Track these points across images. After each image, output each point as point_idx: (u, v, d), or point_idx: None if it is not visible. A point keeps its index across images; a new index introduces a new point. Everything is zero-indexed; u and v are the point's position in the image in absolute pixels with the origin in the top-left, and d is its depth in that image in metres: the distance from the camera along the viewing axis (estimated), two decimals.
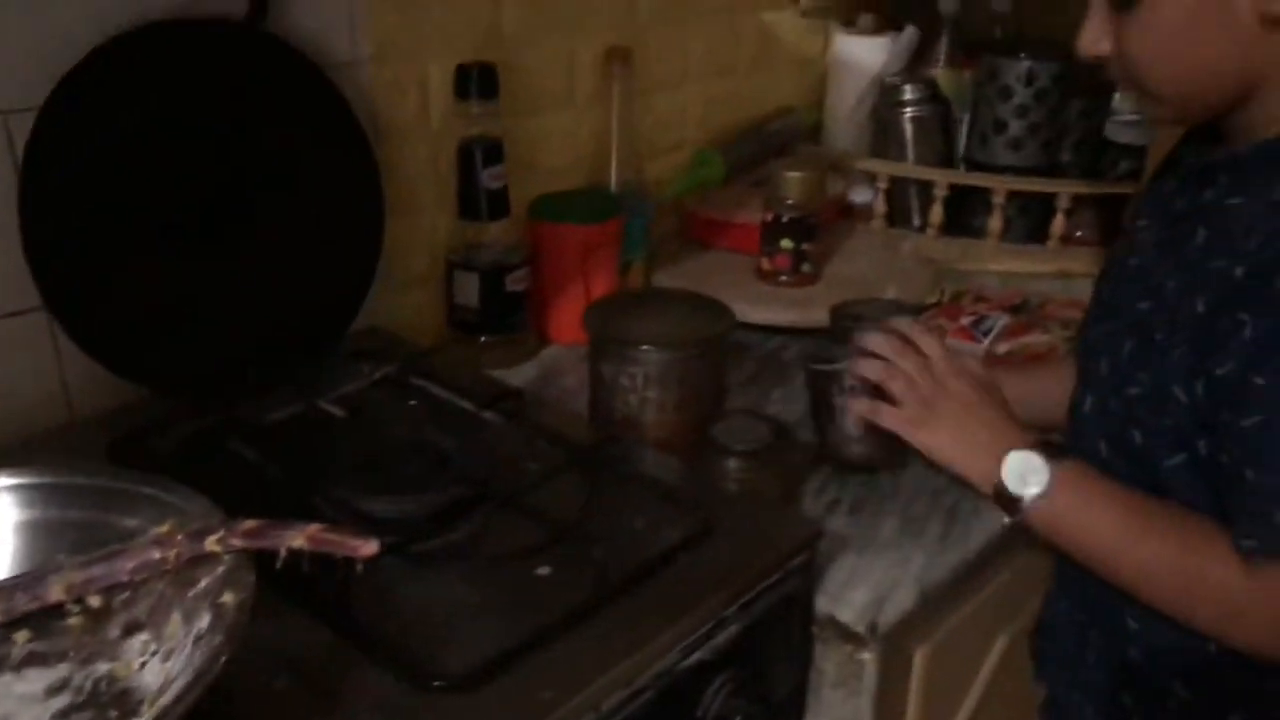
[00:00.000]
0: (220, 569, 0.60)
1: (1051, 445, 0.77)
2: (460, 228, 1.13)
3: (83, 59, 0.84)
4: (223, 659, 0.53)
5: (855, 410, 0.86)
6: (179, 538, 0.61)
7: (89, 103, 0.84)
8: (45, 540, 0.64)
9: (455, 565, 0.74)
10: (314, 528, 0.58)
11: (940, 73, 1.47)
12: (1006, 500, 0.76)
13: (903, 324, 0.86)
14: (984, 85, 1.42)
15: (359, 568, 0.58)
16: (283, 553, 0.59)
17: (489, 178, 1.10)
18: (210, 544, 0.60)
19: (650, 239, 1.31)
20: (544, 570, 0.74)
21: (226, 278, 0.95)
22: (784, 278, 1.28)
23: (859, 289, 1.25)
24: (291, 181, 0.97)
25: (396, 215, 1.10)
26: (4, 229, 0.84)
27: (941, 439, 0.81)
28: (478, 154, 1.09)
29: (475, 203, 1.11)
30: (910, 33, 1.48)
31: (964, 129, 1.47)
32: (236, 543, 0.59)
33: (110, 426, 0.88)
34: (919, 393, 0.81)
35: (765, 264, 1.29)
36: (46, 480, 0.65)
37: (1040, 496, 0.75)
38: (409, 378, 0.96)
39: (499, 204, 1.12)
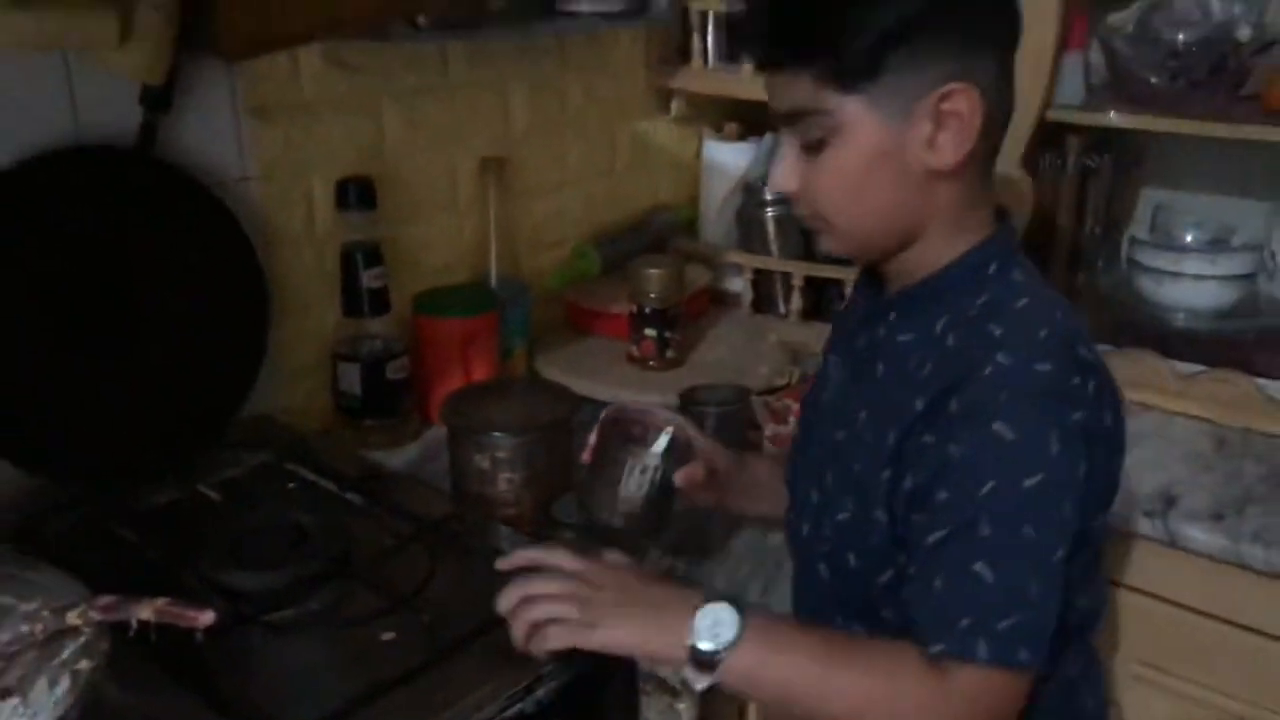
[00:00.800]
0: (81, 639, 0.69)
1: (730, 597, 0.77)
2: (344, 323, 1.24)
3: None
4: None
5: (516, 639, 0.79)
6: (45, 613, 0.71)
7: None
8: None
9: (308, 632, 0.84)
10: (160, 602, 0.68)
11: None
12: (702, 660, 0.73)
13: (523, 555, 0.84)
14: None
15: (199, 636, 0.67)
16: (134, 624, 0.68)
17: (369, 278, 1.22)
18: (72, 618, 0.69)
19: (531, 327, 1.43)
20: (388, 635, 0.84)
21: (120, 373, 1.04)
22: (651, 362, 1.41)
23: (720, 372, 1.39)
24: (180, 286, 1.07)
25: (287, 313, 1.21)
26: None
27: (617, 632, 0.77)
28: (359, 258, 1.21)
29: (358, 301, 1.22)
30: (771, 139, 1.63)
31: None
32: (95, 615, 0.69)
33: (4, 512, 0.97)
34: (572, 600, 0.78)
35: (634, 350, 1.41)
36: None
37: (735, 643, 0.73)
38: (284, 463, 1.06)
39: (379, 301, 1.23)
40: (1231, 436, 1.27)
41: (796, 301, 1.58)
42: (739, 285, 1.65)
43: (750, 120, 1.65)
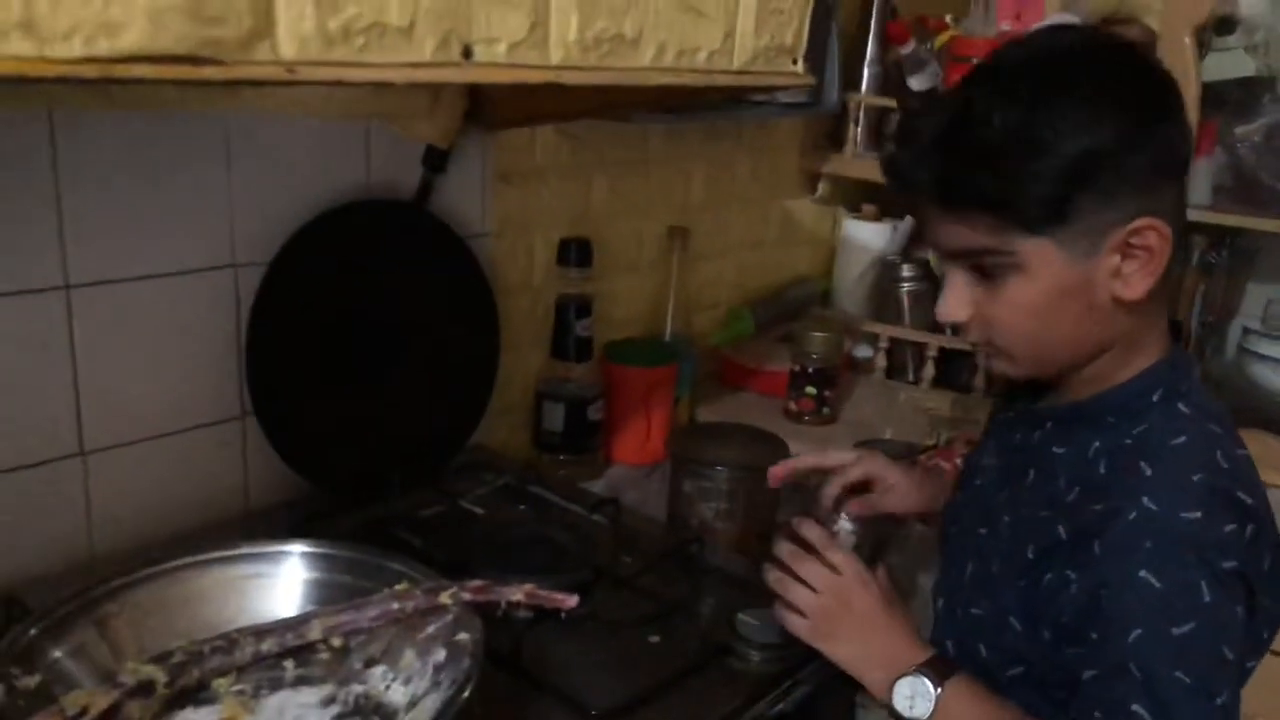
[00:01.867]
0: (448, 618, 0.82)
1: (940, 663, 0.81)
2: (551, 365, 1.37)
3: (297, 230, 1.09)
4: (472, 681, 0.73)
5: (772, 614, 0.89)
6: (416, 593, 0.83)
7: (303, 260, 1.09)
8: (318, 594, 0.86)
9: (587, 630, 0.96)
10: (528, 586, 0.80)
11: (932, 255, 1.77)
12: (897, 716, 0.81)
13: (813, 534, 0.88)
14: None
15: (562, 615, 0.79)
16: (503, 605, 0.81)
17: (580, 328, 1.36)
18: (444, 598, 0.82)
19: (694, 380, 1.57)
20: (654, 638, 0.96)
21: (381, 401, 1.18)
22: (807, 418, 1.54)
23: (867, 430, 1.52)
24: (435, 324, 1.22)
25: (502, 354, 1.34)
26: (225, 355, 1.07)
27: (842, 651, 0.84)
28: (572, 309, 1.35)
29: (566, 347, 1.36)
30: (908, 221, 1.78)
31: None
32: (466, 596, 0.81)
33: (278, 518, 1.09)
34: (823, 604, 0.84)
35: (792, 405, 1.54)
36: (326, 551, 0.87)
37: (929, 716, 0.79)
38: (525, 485, 1.19)
39: (585, 349, 1.37)
40: None
41: (929, 370, 1.72)
42: (867, 353, 1.79)
43: (886, 202, 1.81)
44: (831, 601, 0.84)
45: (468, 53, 0.70)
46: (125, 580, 0.80)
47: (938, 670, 0.80)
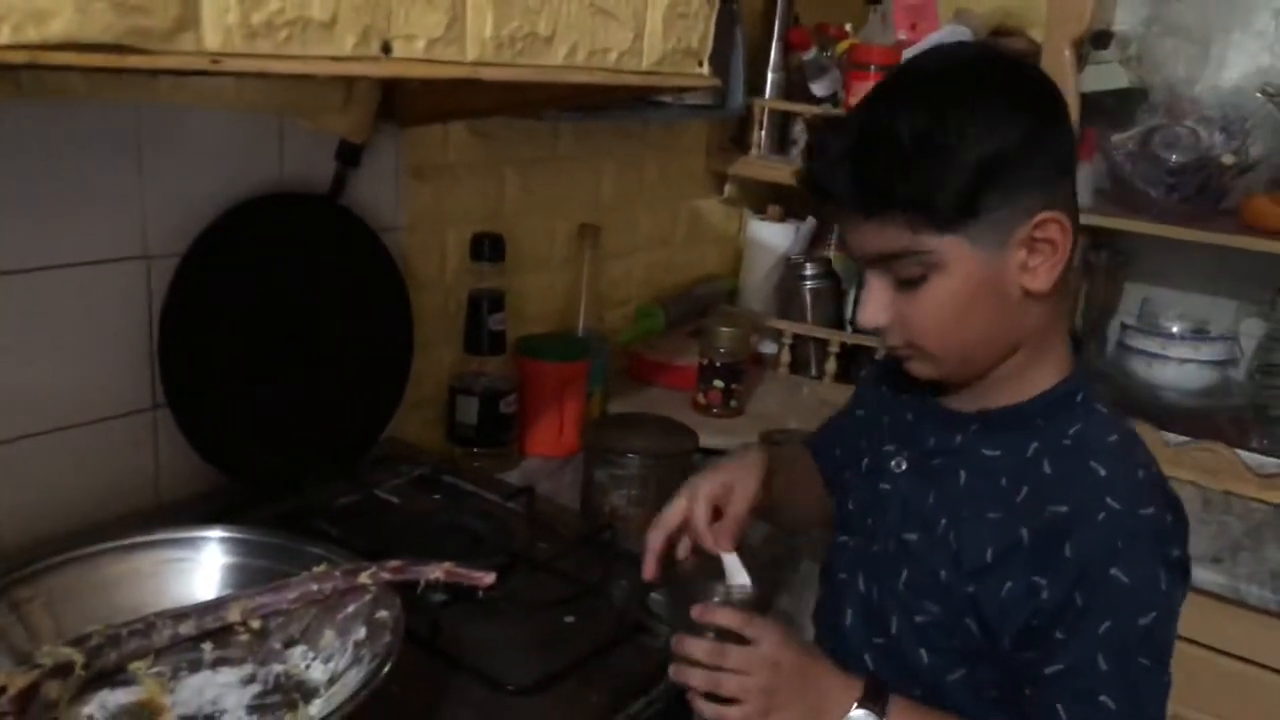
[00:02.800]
0: (367, 597, 0.84)
1: (873, 690, 0.81)
2: (464, 360, 1.39)
3: (210, 223, 1.09)
4: (393, 655, 0.76)
5: (701, 713, 0.82)
6: (335, 574, 0.85)
7: (216, 253, 1.09)
8: (237, 578, 0.87)
9: (503, 612, 0.98)
10: (447, 565, 0.83)
11: (833, 254, 1.85)
12: None
13: (722, 618, 0.81)
14: None
15: (480, 594, 0.82)
16: (422, 584, 0.83)
17: (494, 322, 1.38)
18: (363, 578, 0.84)
19: (606, 375, 1.60)
20: (569, 618, 0.99)
21: (295, 393, 1.19)
22: (715, 410, 1.59)
23: (772, 421, 1.57)
24: (348, 319, 1.23)
25: (415, 350, 1.36)
26: (136, 347, 1.07)
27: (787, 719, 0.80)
28: (485, 303, 1.37)
29: (479, 341, 1.38)
30: (810, 222, 1.85)
31: (851, 298, 1.84)
32: (385, 576, 0.84)
33: (191, 511, 1.09)
34: (758, 684, 0.79)
35: (700, 399, 1.59)
36: (244, 537, 0.88)
37: None
38: (440, 476, 1.21)
39: (498, 343, 1.39)
40: (1215, 498, 1.50)
41: (831, 365, 1.79)
42: (772, 349, 1.85)
43: (790, 203, 1.87)
44: (764, 677, 0.79)
45: (387, 48, 0.72)
46: (42, 565, 0.81)
47: (877, 701, 0.80)
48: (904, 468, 0.91)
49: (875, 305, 0.82)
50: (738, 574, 0.89)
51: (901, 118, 0.76)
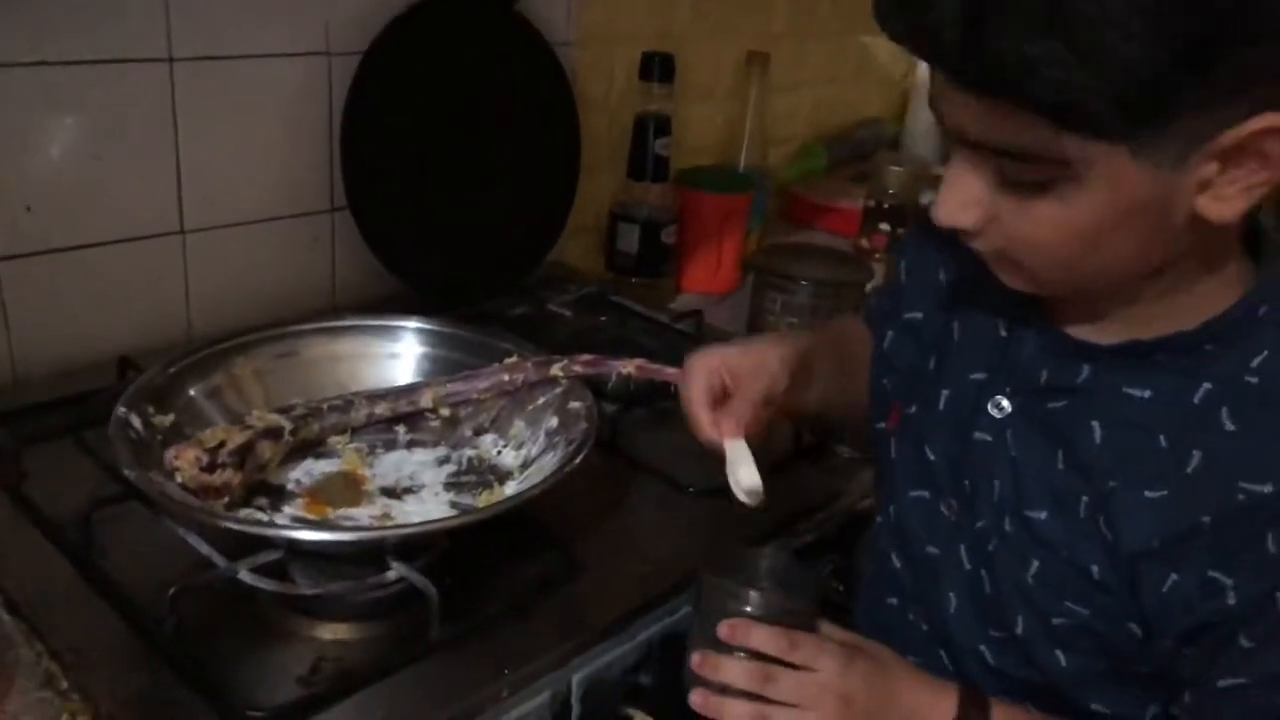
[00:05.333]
0: (558, 390, 0.84)
1: (970, 703, 0.65)
2: (626, 186, 1.36)
3: (390, 20, 1.07)
4: (590, 440, 0.75)
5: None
6: (527, 365, 0.85)
7: (395, 52, 1.07)
8: (430, 368, 0.88)
9: (676, 422, 0.97)
10: (639, 360, 0.82)
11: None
12: None
13: (755, 633, 0.63)
14: None
15: (672, 389, 0.80)
16: (614, 377, 0.82)
17: (659, 146, 1.34)
18: (555, 370, 0.83)
19: (765, 214, 1.56)
20: None
21: (468, 206, 1.18)
22: (878, 256, 1.53)
23: None
24: (518, 133, 1.20)
25: (578, 173, 1.34)
26: (318, 148, 1.07)
27: None
28: (651, 126, 1.33)
29: (643, 166, 1.35)
30: None
31: None
32: (577, 369, 0.83)
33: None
34: (824, 712, 0.63)
35: (864, 243, 1.54)
36: (440, 329, 0.90)
37: None
38: (606, 296, 1.20)
39: (662, 169, 1.36)
40: None
41: None
42: (929, 198, 1.77)
43: None
44: (828, 710, 0.63)
45: None
46: (256, 336, 0.83)
47: (978, 710, 0.65)
48: (1008, 411, 0.66)
49: (960, 199, 0.57)
50: (743, 468, 0.69)
51: None
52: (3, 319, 0.92)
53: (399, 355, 0.89)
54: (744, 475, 0.69)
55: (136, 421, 0.71)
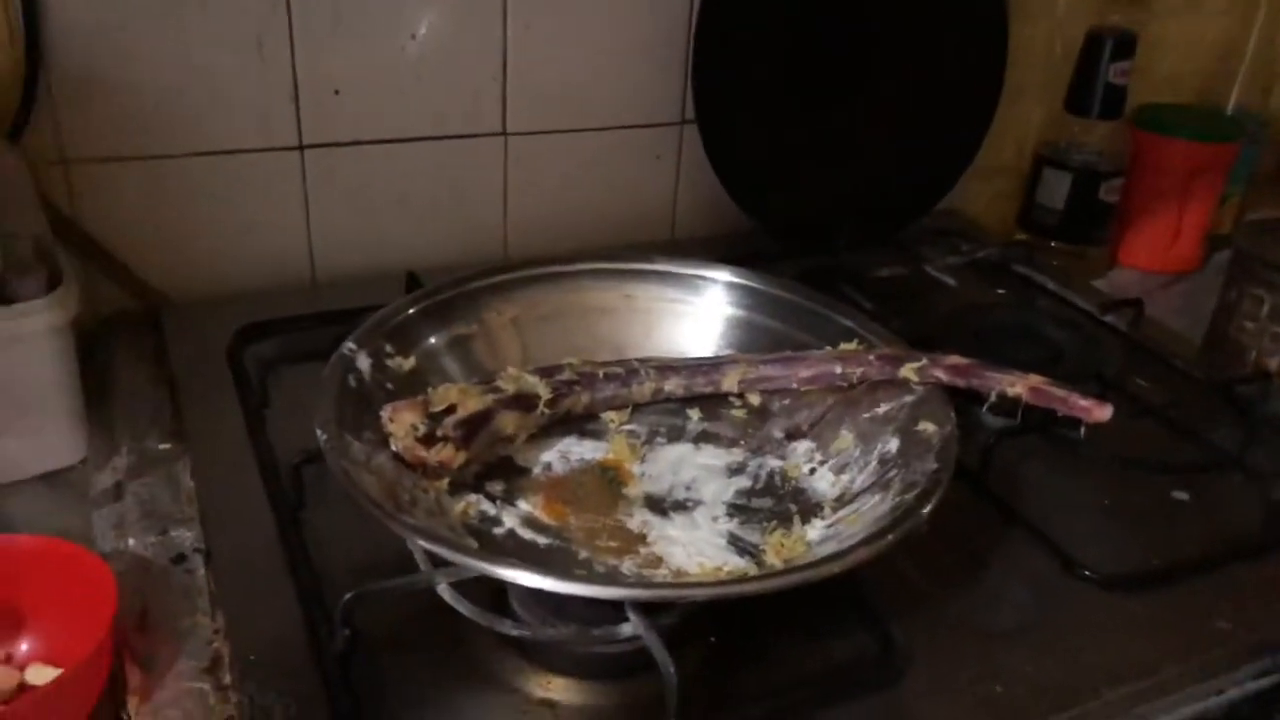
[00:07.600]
0: (908, 398, 0.59)
1: None
2: (1062, 121, 1.05)
3: None
4: (939, 491, 0.51)
5: None
6: (869, 358, 0.61)
7: None
8: (740, 336, 0.67)
9: (1081, 460, 0.69)
10: (1036, 379, 0.55)
11: None
12: None
13: None
14: None
15: (1080, 432, 0.54)
16: (992, 396, 0.56)
17: (1114, 72, 1.01)
18: (907, 370, 0.59)
19: (1252, 174, 1.16)
20: (1180, 494, 0.67)
21: (840, 132, 0.94)
22: None
23: None
24: (917, 46, 0.93)
25: (1002, 97, 1.04)
26: (671, 55, 0.88)
27: None
28: (1108, 45, 1.00)
29: (1088, 97, 1.03)
30: None
31: None
32: (939, 375, 0.58)
33: (703, 250, 0.91)
34: None
35: None
36: (758, 286, 0.68)
37: None
38: (1010, 264, 0.91)
39: (1115, 103, 1.02)
40: None
41: None
42: None
43: None
44: None
45: None
46: (525, 274, 0.66)
47: None
48: None
49: None
50: None
51: None
52: (304, 213, 0.84)
53: (701, 314, 0.68)
54: None
55: (364, 364, 0.57)
